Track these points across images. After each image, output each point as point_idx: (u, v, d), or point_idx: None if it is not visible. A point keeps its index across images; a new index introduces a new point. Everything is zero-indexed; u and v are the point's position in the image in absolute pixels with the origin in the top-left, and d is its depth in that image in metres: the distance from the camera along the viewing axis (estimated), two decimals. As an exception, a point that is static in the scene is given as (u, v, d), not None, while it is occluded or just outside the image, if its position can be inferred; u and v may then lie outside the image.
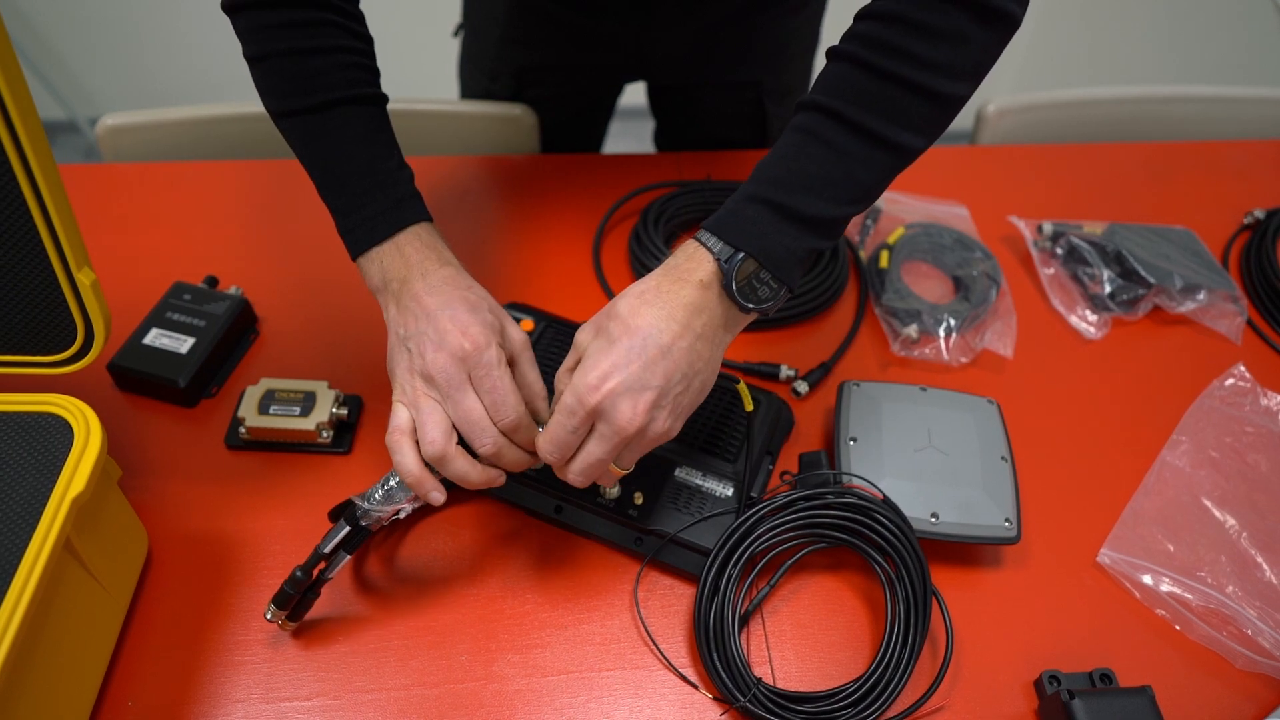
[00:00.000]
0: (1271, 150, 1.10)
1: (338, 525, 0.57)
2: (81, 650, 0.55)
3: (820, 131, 0.55)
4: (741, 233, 0.54)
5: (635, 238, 0.88)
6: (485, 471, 0.56)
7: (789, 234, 0.55)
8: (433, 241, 0.61)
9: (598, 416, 0.53)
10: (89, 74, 2.34)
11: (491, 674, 0.60)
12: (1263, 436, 0.75)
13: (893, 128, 0.54)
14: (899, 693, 0.58)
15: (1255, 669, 0.61)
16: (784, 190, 0.55)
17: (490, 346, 0.55)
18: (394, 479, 0.57)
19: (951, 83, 0.54)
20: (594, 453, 0.54)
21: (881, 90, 0.54)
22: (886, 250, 0.89)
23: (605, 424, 0.53)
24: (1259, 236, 0.94)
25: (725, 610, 0.60)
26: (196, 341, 0.74)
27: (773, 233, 0.54)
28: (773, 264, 0.54)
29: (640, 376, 0.52)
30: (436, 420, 0.55)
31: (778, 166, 0.55)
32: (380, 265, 0.60)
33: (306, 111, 0.61)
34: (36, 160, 0.49)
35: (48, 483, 0.51)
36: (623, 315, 0.54)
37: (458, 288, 0.58)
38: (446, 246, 0.62)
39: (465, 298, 0.57)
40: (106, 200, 0.91)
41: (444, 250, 0.62)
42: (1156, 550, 0.67)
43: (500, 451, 0.56)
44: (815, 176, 0.55)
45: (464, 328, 0.55)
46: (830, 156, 0.55)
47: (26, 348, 0.58)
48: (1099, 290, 0.86)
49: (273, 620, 0.58)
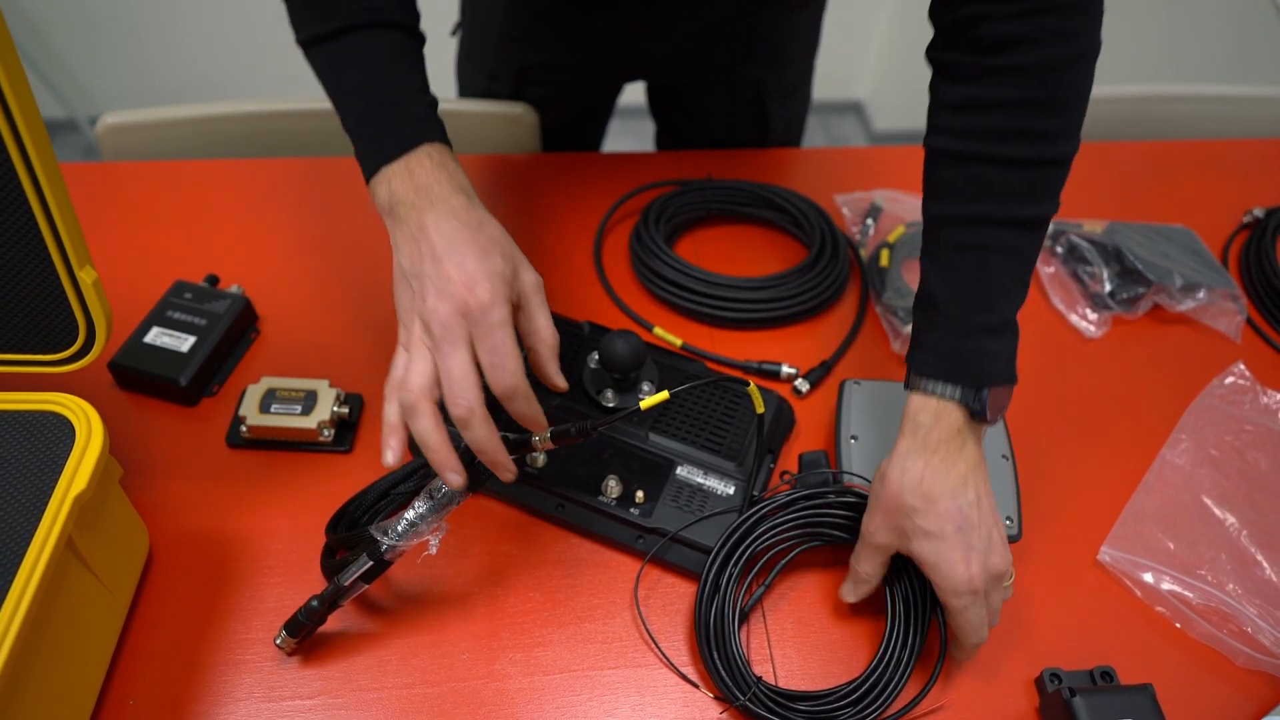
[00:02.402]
0: (1271, 149, 1.10)
1: (358, 559, 0.56)
2: (83, 648, 0.55)
3: (996, 242, 0.57)
4: (979, 372, 0.57)
5: (636, 236, 0.88)
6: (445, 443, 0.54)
7: (1006, 342, 0.58)
8: (444, 162, 0.58)
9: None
10: (89, 73, 2.34)
11: (493, 673, 0.60)
12: (1262, 435, 0.75)
13: (1048, 203, 0.57)
14: (899, 691, 0.58)
15: (1255, 666, 0.62)
16: (987, 310, 0.57)
17: (496, 306, 0.53)
18: (416, 510, 0.56)
19: (1076, 138, 0.58)
20: (983, 619, 0.57)
21: (1036, 178, 0.57)
22: (887, 249, 0.89)
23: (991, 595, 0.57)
24: (1258, 235, 0.94)
25: (726, 608, 0.60)
26: (197, 340, 0.74)
27: (997, 349, 0.57)
28: (1009, 378, 0.58)
29: (979, 547, 0.56)
30: (421, 369, 0.53)
31: (971, 289, 0.57)
32: (388, 187, 0.57)
33: (325, 39, 0.60)
34: (38, 158, 0.49)
35: (49, 481, 0.51)
36: (923, 508, 0.56)
37: (468, 226, 0.55)
38: (461, 170, 0.59)
39: (475, 241, 0.54)
40: (107, 199, 0.91)
41: (457, 173, 0.58)
42: (1157, 548, 0.67)
43: (471, 419, 0.52)
44: (1006, 284, 0.57)
45: (470, 280, 0.53)
46: (1014, 260, 0.57)
47: (28, 347, 0.58)
48: (1099, 289, 0.86)
49: (282, 646, 0.58)
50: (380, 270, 0.85)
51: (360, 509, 0.62)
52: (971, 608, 0.56)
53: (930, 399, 0.57)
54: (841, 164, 1.04)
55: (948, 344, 0.57)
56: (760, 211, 0.93)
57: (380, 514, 0.63)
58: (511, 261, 0.56)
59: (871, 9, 2.43)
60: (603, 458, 0.68)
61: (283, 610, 0.61)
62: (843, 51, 2.46)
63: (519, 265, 0.57)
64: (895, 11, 2.42)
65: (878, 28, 2.50)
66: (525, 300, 0.56)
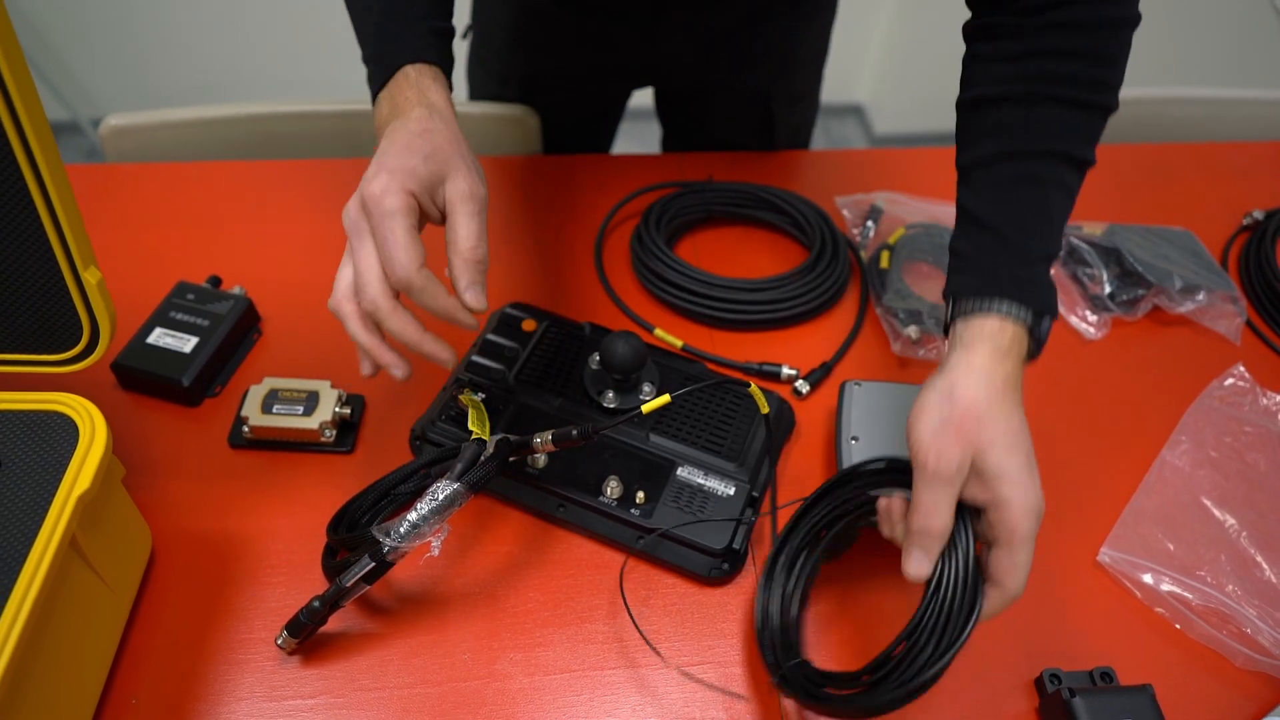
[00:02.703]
0: (1270, 151, 1.11)
1: (360, 560, 0.56)
2: (86, 648, 0.55)
3: (1055, 177, 0.59)
4: (1045, 300, 0.56)
5: (637, 238, 0.88)
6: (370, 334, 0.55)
7: (1049, 275, 0.58)
8: (419, 80, 0.58)
9: None
10: (91, 75, 2.35)
11: (494, 673, 0.60)
12: (1262, 436, 0.75)
13: (1093, 149, 0.60)
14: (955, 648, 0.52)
15: (1255, 667, 0.62)
16: (1046, 241, 0.58)
17: (387, 195, 0.52)
18: (419, 511, 0.56)
19: (1118, 94, 0.60)
20: (1030, 565, 0.53)
21: (1088, 120, 0.59)
22: (887, 251, 0.89)
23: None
24: (1258, 237, 0.94)
25: (789, 592, 0.59)
26: (200, 341, 0.74)
27: (1051, 282, 0.58)
28: (1056, 313, 0.57)
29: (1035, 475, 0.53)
30: (343, 274, 0.54)
31: (1032, 219, 0.58)
32: (378, 111, 0.58)
33: None
34: (44, 159, 0.49)
35: (53, 480, 0.51)
36: (1003, 420, 0.53)
37: (411, 133, 0.54)
38: (439, 85, 0.59)
39: (407, 140, 0.54)
40: (110, 200, 0.92)
41: (431, 89, 0.58)
42: (1157, 549, 0.67)
43: (377, 313, 0.53)
44: (1060, 219, 0.59)
45: (377, 171, 0.52)
46: (1066, 198, 0.59)
47: (32, 347, 0.58)
48: (1099, 290, 0.86)
49: (283, 647, 0.58)
50: (382, 272, 0.86)
51: (361, 509, 0.62)
52: (1030, 542, 0.52)
53: (1007, 322, 0.55)
54: (842, 166, 1.04)
55: (1014, 270, 0.57)
56: (761, 213, 0.93)
57: (381, 514, 0.63)
58: (438, 163, 0.54)
59: (872, 13, 2.44)
60: (603, 459, 0.68)
61: (284, 610, 0.61)
62: (843, 55, 2.45)
63: (450, 170, 0.55)
64: (895, 15, 2.42)
65: (878, 31, 2.50)
66: (449, 207, 0.55)
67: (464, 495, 0.57)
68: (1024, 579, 0.52)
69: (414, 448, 0.71)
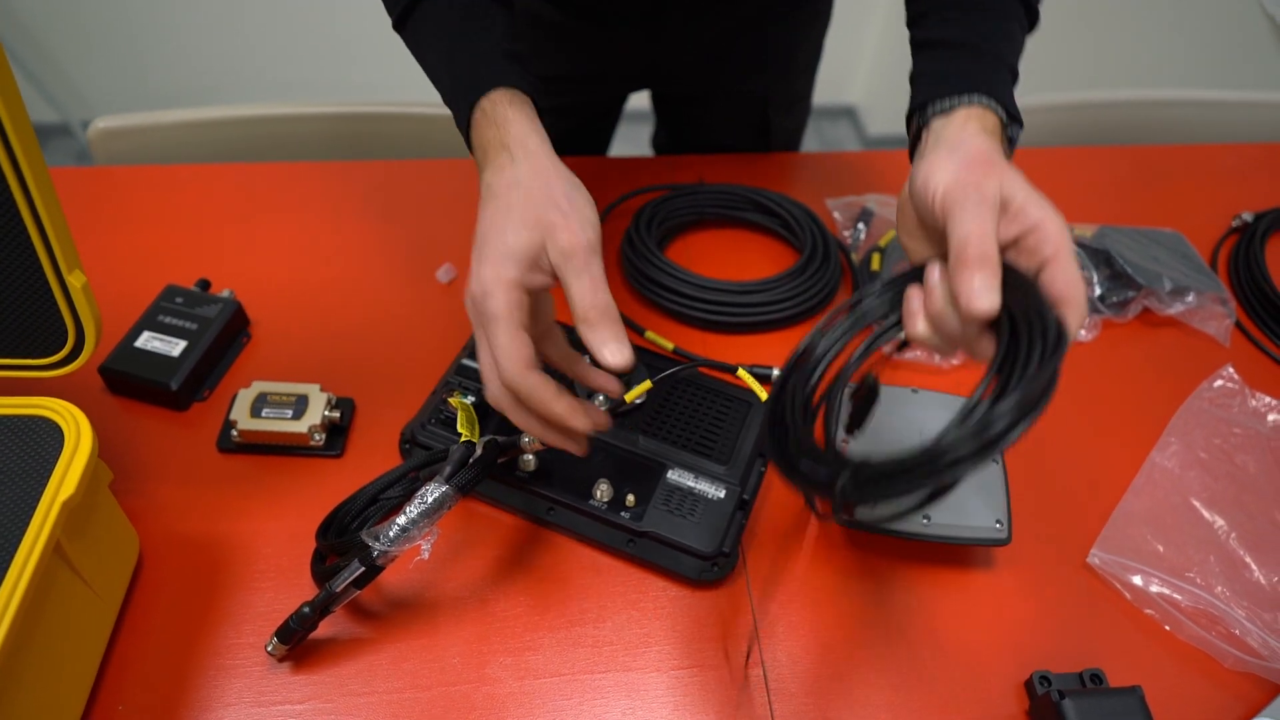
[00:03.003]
0: (1259, 153, 1.11)
1: (349, 565, 0.56)
2: (72, 655, 0.55)
3: (1013, 13, 0.61)
4: (1013, 104, 0.57)
5: (628, 240, 0.88)
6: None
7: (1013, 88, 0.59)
8: (496, 113, 0.56)
9: None
10: (81, 77, 2.34)
11: (484, 676, 0.60)
12: (1251, 438, 0.75)
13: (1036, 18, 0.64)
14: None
15: (1244, 668, 0.62)
16: (1012, 55, 0.60)
17: (489, 297, 0.50)
18: (408, 515, 0.56)
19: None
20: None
21: None
22: (878, 253, 0.89)
23: None
24: (1247, 239, 0.95)
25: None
26: (188, 344, 0.74)
27: (1012, 94, 0.58)
28: (1022, 122, 0.58)
29: None
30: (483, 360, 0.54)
31: (997, 39, 0.60)
32: (474, 150, 0.58)
33: (399, 23, 0.63)
34: (27, 161, 0.49)
35: (37, 486, 0.51)
36: (1016, 175, 0.50)
37: (495, 199, 0.53)
38: (517, 111, 0.56)
39: (494, 212, 0.52)
40: (99, 203, 0.91)
41: (510, 122, 0.56)
42: (1146, 551, 0.67)
43: (501, 407, 0.52)
44: (1018, 43, 0.62)
45: (479, 263, 0.51)
46: (1021, 35, 0.63)
47: (16, 351, 0.58)
48: (1089, 292, 0.87)
49: (273, 653, 0.58)
50: (372, 275, 0.86)
51: (350, 514, 0.62)
52: (1074, 255, 0.48)
53: (988, 111, 0.55)
54: (834, 168, 1.05)
55: (988, 73, 0.57)
56: (752, 215, 0.93)
57: (371, 519, 0.63)
58: (532, 227, 0.51)
59: (865, 15, 2.44)
60: (593, 461, 0.68)
61: (273, 615, 0.61)
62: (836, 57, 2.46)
63: (547, 229, 0.51)
64: (888, 17, 2.43)
65: (871, 33, 2.51)
66: (557, 271, 0.51)
67: (453, 498, 0.56)
68: (1084, 289, 0.48)
69: (404, 451, 0.71)
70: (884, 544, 0.67)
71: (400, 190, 0.95)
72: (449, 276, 0.85)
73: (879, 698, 0.60)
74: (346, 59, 2.33)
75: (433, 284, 0.85)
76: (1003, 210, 0.49)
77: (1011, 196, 0.49)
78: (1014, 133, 0.58)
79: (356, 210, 0.93)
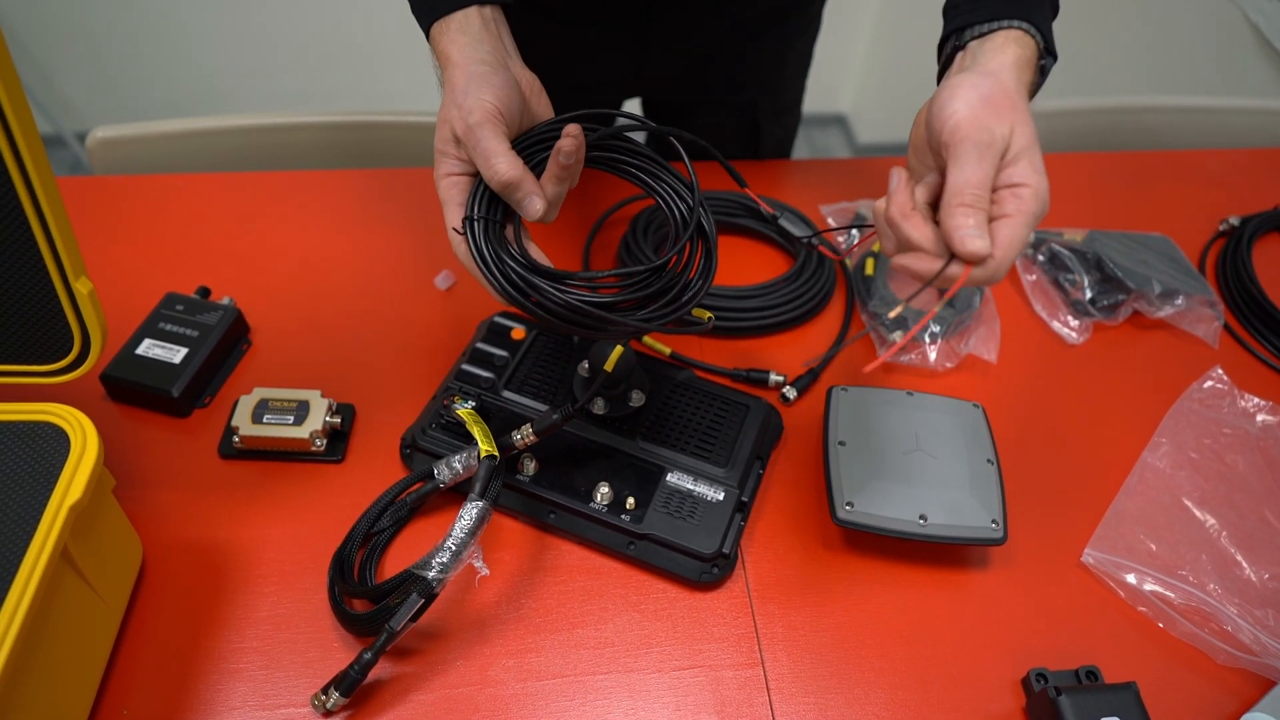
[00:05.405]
0: (1246, 158, 1.13)
1: (407, 599, 0.56)
2: (77, 659, 0.55)
3: None
4: (1051, 35, 0.58)
5: (624, 247, 0.89)
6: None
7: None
8: (438, 44, 0.64)
9: None
10: (75, 88, 2.34)
11: (486, 679, 0.60)
12: (1240, 438, 0.77)
13: None
14: None
15: (1236, 664, 0.63)
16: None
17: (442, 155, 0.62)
18: (455, 537, 0.57)
19: None
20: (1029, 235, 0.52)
21: None
22: (872, 258, 0.90)
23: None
24: (1234, 242, 0.96)
25: None
26: (189, 351, 0.74)
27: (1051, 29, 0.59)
28: (1056, 56, 0.59)
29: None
30: None
31: None
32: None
33: None
34: (35, 170, 0.50)
35: (45, 491, 0.52)
36: (1028, 124, 0.52)
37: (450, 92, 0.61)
38: (452, 36, 0.63)
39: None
40: (99, 212, 0.92)
41: (442, 53, 0.63)
42: (1139, 550, 0.68)
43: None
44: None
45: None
46: None
47: (23, 357, 0.58)
48: (1080, 296, 0.88)
49: (332, 709, 0.57)
50: (370, 281, 0.86)
51: (351, 550, 0.64)
52: (1034, 224, 0.52)
53: (1026, 36, 0.56)
54: (827, 175, 1.06)
55: (1029, 2, 0.57)
56: (746, 222, 0.94)
57: (378, 550, 0.65)
58: (445, 125, 0.61)
59: (856, 23, 2.46)
60: (593, 465, 0.68)
61: (276, 619, 0.61)
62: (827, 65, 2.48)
63: (450, 126, 0.60)
64: (879, 26, 2.45)
65: (861, 42, 2.53)
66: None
67: (489, 511, 0.59)
68: (1016, 252, 0.51)
69: (404, 456, 0.71)
70: (881, 544, 0.68)
71: (398, 198, 0.96)
72: (448, 283, 0.86)
73: (877, 696, 0.61)
74: (341, 69, 2.34)
75: (431, 290, 0.86)
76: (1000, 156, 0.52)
77: (1012, 146, 0.52)
78: (1047, 64, 0.58)
79: (354, 218, 0.93)
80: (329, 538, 0.65)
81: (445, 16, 0.63)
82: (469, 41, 0.62)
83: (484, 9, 0.64)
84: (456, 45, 0.62)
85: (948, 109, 0.53)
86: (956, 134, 0.52)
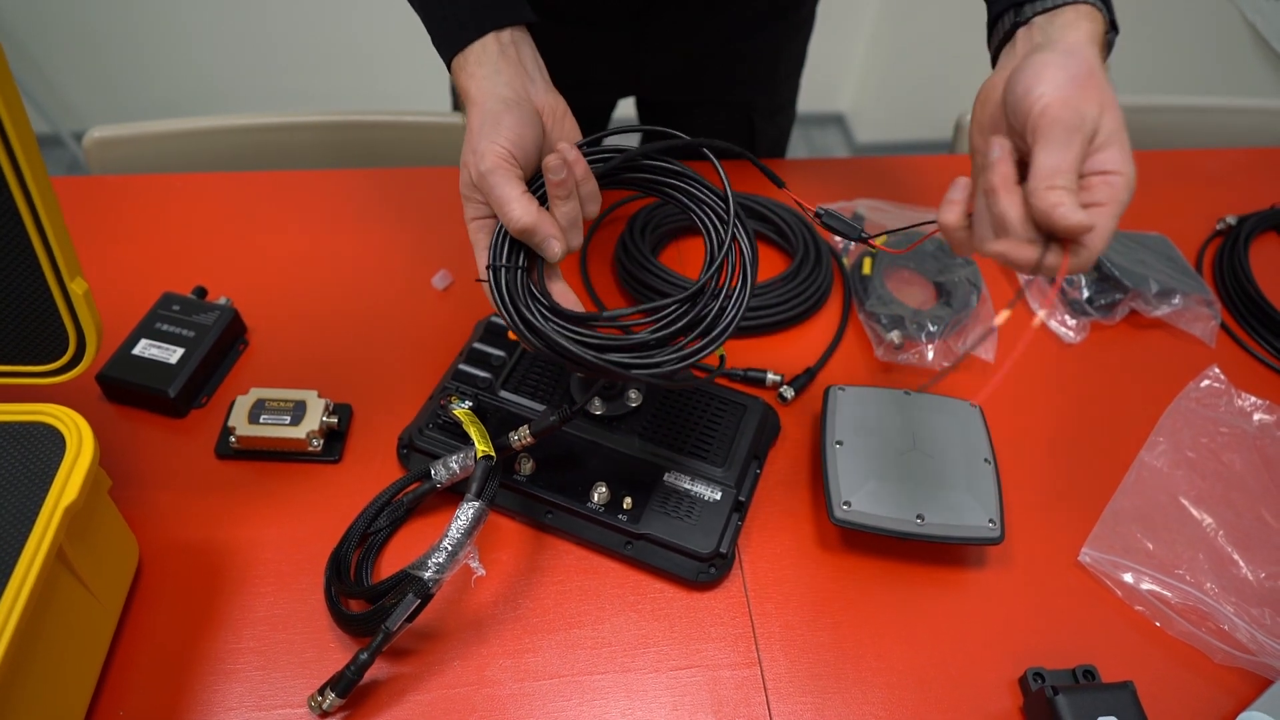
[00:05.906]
0: (1243, 158, 1.13)
1: (403, 600, 0.56)
2: (73, 660, 0.55)
3: None
4: (1113, 9, 0.56)
5: (622, 246, 0.89)
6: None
7: None
8: (459, 79, 0.63)
9: None
10: (71, 88, 2.34)
11: (483, 679, 0.60)
12: (1237, 437, 0.77)
13: None
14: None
15: (1233, 663, 0.63)
16: None
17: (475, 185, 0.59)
18: (451, 538, 0.56)
19: None
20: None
21: None
22: (870, 258, 0.90)
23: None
24: (1231, 241, 0.96)
25: None
26: (186, 352, 0.74)
27: None
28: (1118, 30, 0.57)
29: None
30: None
31: None
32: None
33: None
34: (29, 170, 0.50)
35: (40, 492, 0.51)
36: (1116, 105, 0.51)
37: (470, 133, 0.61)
38: (471, 70, 0.62)
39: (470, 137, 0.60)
40: (95, 212, 0.92)
41: (463, 88, 0.62)
42: (1136, 549, 0.68)
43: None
44: None
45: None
46: None
47: (18, 357, 0.58)
48: (1077, 295, 0.88)
49: (329, 710, 0.56)
50: (367, 281, 0.86)
51: (353, 562, 0.64)
52: (1122, 212, 0.50)
53: (1095, 10, 0.55)
54: (824, 174, 1.06)
55: None
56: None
57: (374, 550, 0.65)
58: (465, 169, 0.60)
59: (854, 22, 2.46)
60: (590, 465, 0.68)
61: (273, 620, 0.61)
62: (825, 64, 2.49)
63: (467, 170, 0.60)
64: (877, 25, 2.45)
65: (860, 41, 2.53)
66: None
67: (486, 512, 0.58)
68: (1107, 242, 0.50)
69: (401, 456, 0.71)
70: (878, 544, 0.68)
71: (395, 198, 0.96)
72: (445, 283, 0.86)
73: (875, 695, 0.61)
74: (338, 69, 2.34)
75: (428, 290, 0.86)
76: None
77: (1101, 130, 0.50)
78: (1112, 38, 0.57)
79: (351, 218, 0.93)
80: (326, 538, 0.65)
81: (463, 50, 0.62)
82: (486, 74, 0.61)
83: (501, 34, 0.62)
84: (474, 80, 0.61)
85: (1035, 91, 0.50)
86: (1045, 116, 0.50)
